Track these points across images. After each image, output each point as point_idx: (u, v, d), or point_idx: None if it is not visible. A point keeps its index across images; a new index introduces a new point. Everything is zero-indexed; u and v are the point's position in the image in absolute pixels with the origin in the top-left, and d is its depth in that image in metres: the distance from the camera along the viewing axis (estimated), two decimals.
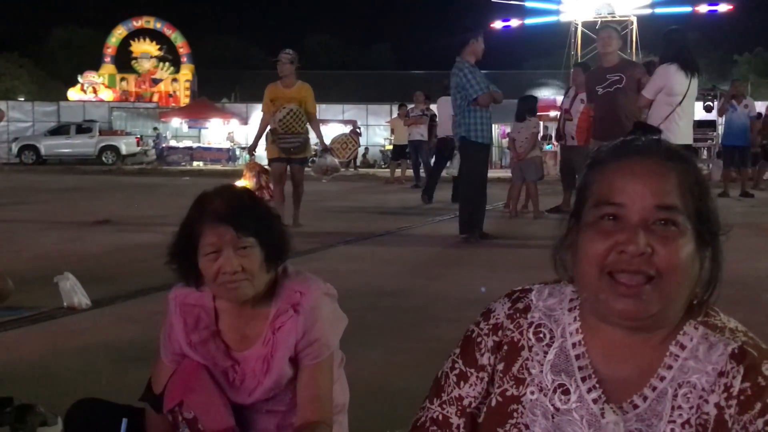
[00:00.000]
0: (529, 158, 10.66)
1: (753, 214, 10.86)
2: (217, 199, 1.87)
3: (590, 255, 1.16)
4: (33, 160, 32.05)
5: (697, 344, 1.18)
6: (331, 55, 59.90)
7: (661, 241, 1.13)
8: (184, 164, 32.50)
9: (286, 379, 1.94)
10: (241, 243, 1.83)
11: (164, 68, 40.67)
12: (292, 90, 8.80)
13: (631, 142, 1.23)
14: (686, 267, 1.14)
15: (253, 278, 1.86)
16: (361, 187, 18.30)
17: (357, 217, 10.73)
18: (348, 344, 2.11)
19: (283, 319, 1.93)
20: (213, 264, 1.84)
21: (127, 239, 6.53)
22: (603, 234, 1.16)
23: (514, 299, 1.33)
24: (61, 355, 3.57)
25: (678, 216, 1.14)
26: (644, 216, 1.14)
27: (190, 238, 1.88)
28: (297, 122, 8.58)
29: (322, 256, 6.84)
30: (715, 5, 37.35)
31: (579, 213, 1.24)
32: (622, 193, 1.16)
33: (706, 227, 1.18)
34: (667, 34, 7.45)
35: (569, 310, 1.28)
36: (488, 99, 7.74)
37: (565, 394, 1.21)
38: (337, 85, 42.81)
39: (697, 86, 7.42)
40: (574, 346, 1.24)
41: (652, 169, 1.17)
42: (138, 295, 4.87)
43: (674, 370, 1.17)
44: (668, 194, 1.15)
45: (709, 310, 1.22)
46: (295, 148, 8.70)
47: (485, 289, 6.97)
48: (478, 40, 7.94)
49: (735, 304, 1.27)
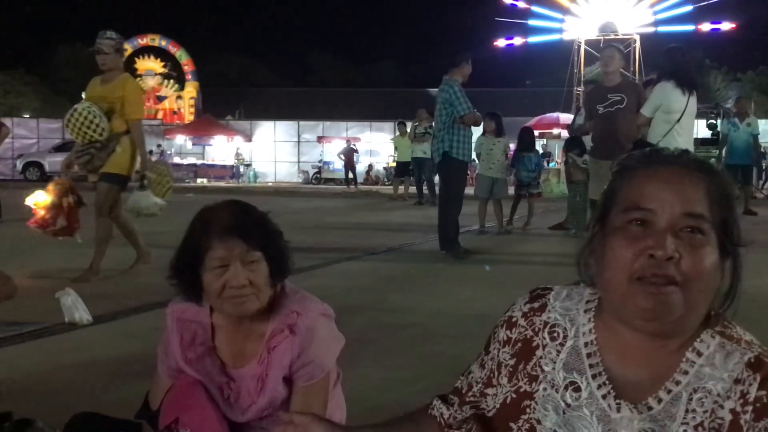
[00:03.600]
0: (503, 178, 11.07)
1: (756, 232, 10.85)
2: (224, 213, 1.87)
3: (618, 259, 1.18)
4: (37, 177, 32.14)
5: (714, 352, 1.20)
6: (336, 72, 60.12)
7: (687, 248, 1.15)
8: (188, 181, 32.63)
9: (280, 399, 1.93)
10: (249, 257, 1.84)
11: (169, 86, 40.82)
12: (108, 86, 6.42)
13: (660, 151, 1.27)
14: (710, 275, 1.16)
15: (260, 292, 1.87)
16: (364, 204, 18.32)
17: (359, 233, 10.74)
18: (348, 361, 2.11)
19: (279, 339, 1.92)
20: (219, 278, 1.83)
21: (130, 255, 6.54)
22: (631, 238, 1.18)
23: (533, 297, 1.37)
24: (61, 371, 3.57)
25: (704, 224, 1.17)
26: (672, 222, 1.16)
27: (196, 252, 1.86)
28: (85, 126, 6.30)
29: (324, 273, 6.85)
30: (718, 23, 37.40)
31: (604, 218, 1.26)
32: (652, 199, 1.18)
33: (729, 238, 1.20)
34: (668, 52, 7.48)
35: (585, 311, 1.31)
36: (473, 119, 8.04)
37: (576, 391, 1.25)
38: (341, 102, 43.00)
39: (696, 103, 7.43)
40: (586, 345, 1.27)
41: (682, 177, 1.20)
42: (139, 311, 4.88)
43: (690, 376, 1.19)
44: (697, 203, 1.17)
45: (725, 322, 1.24)
46: (84, 160, 6.40)
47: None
48: (469, 63, 8.25)
49: (739, 321, 1.29)
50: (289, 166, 37.75)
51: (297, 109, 40.24)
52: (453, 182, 8.30)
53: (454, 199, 8.24)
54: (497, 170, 10.94)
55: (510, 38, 39.95)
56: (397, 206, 17.28)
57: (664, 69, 7.35)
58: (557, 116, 30.68)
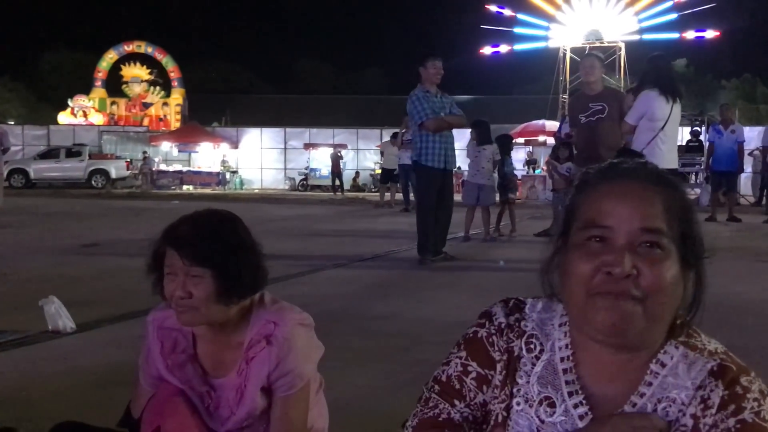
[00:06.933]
0: (489, 184, 11.11)
1: (740, 239, 10.92)
2: (184, 225, 1.87)
3: (577, 275, 1.18)
4: (22, 184, 31.98)
5: (677, 362, 1.20)
6: (322, 79, 60.12)
7: (646, 263, 1.15)
8: (174, 188, 32.54)
9: (260, 409, 1.92)
10: (192, 271, 1.82)
11: (155, 92, 40.74)
12: None
13: (618, 165, 1.26)
14: (670, 289, 1.16)
15: (201, 308, 1.83)
16: (351, 211, 18.31)
17: (346, 240, 10.73)
18: (332, 368, 2.11)
19: (256, 350, 1.91)
20: (168, 285, 1.84)
21: (114, 263, 6.51)
22: (590, 255, 1.18)
23: (512, 307, 1.35)
24: (44, 379, 3.54)
25: (663, 239, 1.16)
26: (630, 238, 1.16)
27: (156, 256, 1.88)
28: None
29: (310, 280, 6.84)
30: (703, 31, 37.73)
31: (567, 234, 1.26)
32: (609, 216, 1.18)
33: (690, 250, 1.20)
34: (651, 60, 7.53)
35: (560, 325, 1.30)
36: (433, 124, 8.01)
37: (550, 406, 1.24)
38: (327, 109, 43.00)
39: (681, 111, 7.49)
40: (562, 361, 1.26)
41: (639, 192, 1.19)
42: (123, 319, 4.84)
43: (654, 387, 1.19)
44: (654, 217, 1.17)
45: (691, 331, 1.24)
46: None
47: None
48: (426, 67, 8.16)
49: (719, 327, 1.29)
50: (275, 173, 37.73)
51: (283, 116, 40.23)
52: (420, 188, 8.49)
53: (421, 205, 8.40)
54: (482, 177, 10.97)
55: (496, 46, 40.19)
56: (383, 213, 17.29)
57: (645, 77, 7.41)
58: (543, 123, 30.81)
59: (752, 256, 8.84)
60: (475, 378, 1.31)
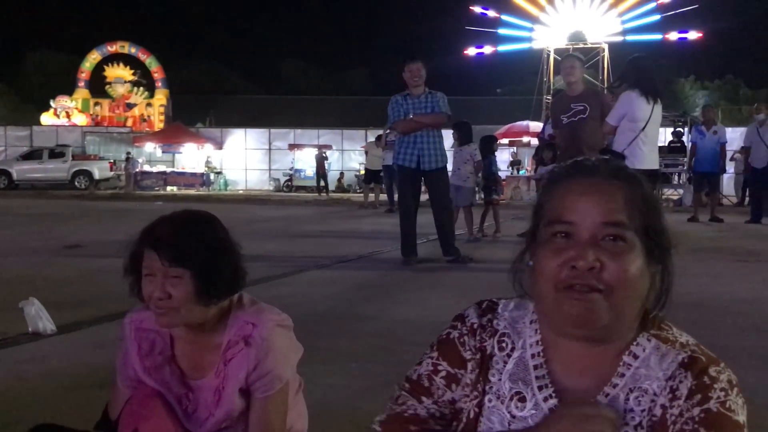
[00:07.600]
0: (466, 186, 11.18)
1: (721, 239, 11.00)
2: (163, 225, 1.85)
3: (544, 271, 1.21)
4: (5, 185, 31.80)
5: (649, 354, 1.23)
6: (307, 79, 59.99)
7: (609, 256, 1.17)
8: (158, 189, 32.41)
9: (238, 411, 1.92)
10: (171, 272, 1.81)
11: (138, 93, 40.57)
12: None
13: (580, 163, 1.29)
14: (635, 281, 1.19)
15: (181, 309, 1.83)
16: (335, 212, 18.30)
17: (329, 241, 10.73)
18: (315, 369, 2.10)
19: (234, 351, 1.91)
20: (147, 287, 1.83)
21: (97, 264, 6.48)
22: (555, 251, 1.21)
23: (484, 308, 1.38)
24: (23, 381, 3.52)
25: (626, 232, 1.19)
26: (593, 233, 1.19)
27: (134, 257, 1.87)
28: None
29: (293, 281, 6.83)
30: (685, 33, 37.92)
31: (535, 232, 1.29)
32: (572, 212, 1.21)
33: (654, 242, 1.22)
34: (633, 61, 7.57)
35: (531, 323, 1.32)
36: (402, 125, 8.11)
37: (521, 401, 1.26)
38: (312, 110, 42.94)
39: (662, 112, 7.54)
40: (533, 357, 1.29)
41: (600, 187, 1.23)
42: (104, 321, 4.82)
43: (626, 378, 1.22)
44: (615, 211, 1.20)
45: (663, 324, 1.27)
46: None
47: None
48: (404, 70, 8.16)
49: (700, 327, 1.31)
50: (260, 174, 37.64)
51: (268, 117, 40.15)
52: (400, 189, 8.64)
53: (399, 205, 8.67)
54: (458, 178, 11.03)
55: (480, 47, 40.25)
56: (367, 214, 17.29)
57: (625, 77, 7.47)
58: (527, 124, 30.91)
59: (734, 256, 8.90)
60: (444, 377, 1.34)
